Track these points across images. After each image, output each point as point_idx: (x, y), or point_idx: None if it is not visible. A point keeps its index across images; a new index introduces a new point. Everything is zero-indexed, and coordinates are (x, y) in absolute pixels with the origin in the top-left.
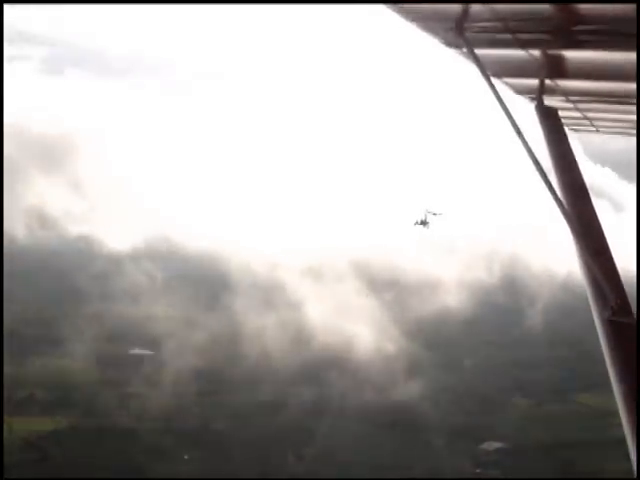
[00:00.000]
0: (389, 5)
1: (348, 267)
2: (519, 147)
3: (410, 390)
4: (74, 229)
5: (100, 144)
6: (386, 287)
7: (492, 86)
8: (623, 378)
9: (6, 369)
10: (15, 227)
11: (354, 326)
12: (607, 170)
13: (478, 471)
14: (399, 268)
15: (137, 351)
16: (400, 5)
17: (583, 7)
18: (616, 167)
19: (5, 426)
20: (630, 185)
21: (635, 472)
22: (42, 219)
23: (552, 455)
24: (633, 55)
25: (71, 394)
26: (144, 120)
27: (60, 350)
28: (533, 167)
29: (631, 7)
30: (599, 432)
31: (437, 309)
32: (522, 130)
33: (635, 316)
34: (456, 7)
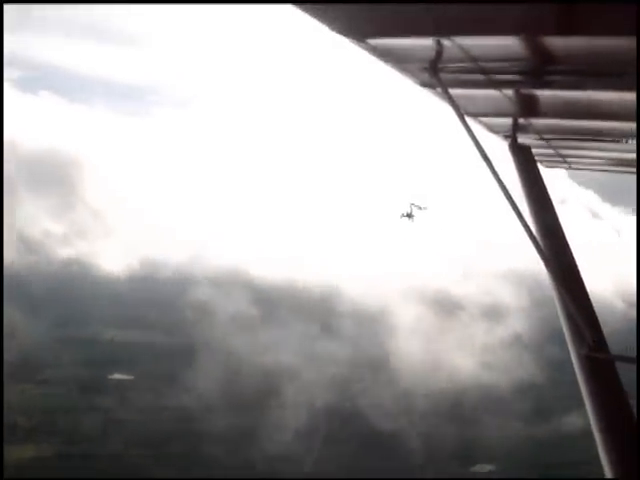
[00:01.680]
0: (362, 46)
1: (405, 291)
2: (494, 185)
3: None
4: (63, 252)
5: (78, 166)
6: (448, 312)
7: (466, 125)
8: (600, 413)
9: None
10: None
11: (454, 354)
12: (590, 192)
13: None
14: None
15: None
16: (374, 46)
17: (554, 49)
18: (598, 190)
19: None
20: (615, 207)
21: None
22: (27, 242)
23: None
24: (601, 94)
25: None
26: (118, 143)
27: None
28: (508, 205)
29: (599, 48)
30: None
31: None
32: (497, 168)
33: (611, 352)
34: (430, 48)
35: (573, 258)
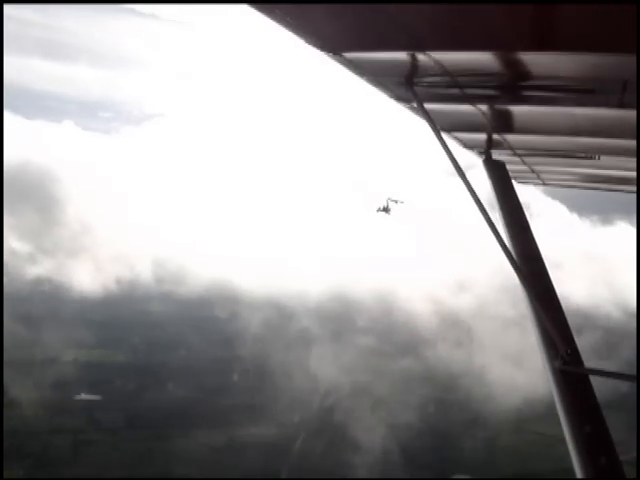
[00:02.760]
0: (338, 59)
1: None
2: (469, 199)
3: None
4: (33, 271)
5: (40, 184)
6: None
7: (442, 140)
8: (574, 427)
9: None
10: None
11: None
12: (557, 203)
13: None
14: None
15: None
16: (349, 60)
17: (529, 65)
18: (564, 200)
19: None
20: (581, 218)
21: None
22: None
23: None
24: (576, 110)
25: None
26: (84, 158)
27: None
28: (483, 219)
29: (575, 65)
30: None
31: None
32: (472, 183)
33: (584, 365)
34: (405, 62)
35: (546, 271)
